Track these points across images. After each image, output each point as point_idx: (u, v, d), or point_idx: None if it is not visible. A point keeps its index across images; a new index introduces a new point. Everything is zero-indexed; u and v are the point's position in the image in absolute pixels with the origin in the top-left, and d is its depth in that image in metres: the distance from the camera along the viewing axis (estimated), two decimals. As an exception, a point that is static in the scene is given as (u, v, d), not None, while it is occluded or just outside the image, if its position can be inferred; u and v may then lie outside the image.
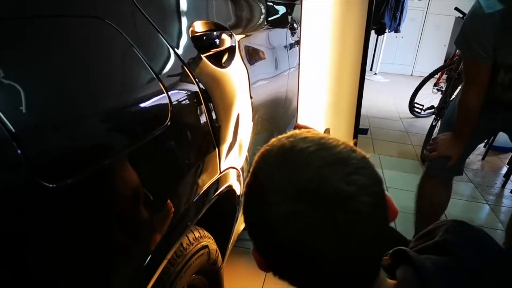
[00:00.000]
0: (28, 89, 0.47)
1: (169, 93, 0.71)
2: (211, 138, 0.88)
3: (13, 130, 0.42)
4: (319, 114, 1.57)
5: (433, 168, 1.84)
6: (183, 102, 0.77)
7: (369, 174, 0.49)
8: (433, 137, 2.37)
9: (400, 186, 2.79)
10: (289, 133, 0.55)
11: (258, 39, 1.55)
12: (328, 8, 1.45)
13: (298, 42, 1.77)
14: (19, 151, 0.42)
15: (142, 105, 0.65)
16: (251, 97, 1.33)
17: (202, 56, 0.90)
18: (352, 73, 1.49)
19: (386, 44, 6.20)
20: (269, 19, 1.64)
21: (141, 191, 0.65)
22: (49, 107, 0.50)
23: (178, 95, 0.75)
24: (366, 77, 5.35)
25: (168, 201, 0.72)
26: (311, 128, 0.58)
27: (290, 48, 1.85)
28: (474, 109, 1.58)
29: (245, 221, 0.55)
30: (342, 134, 1.57)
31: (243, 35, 1.32)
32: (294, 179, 0.48)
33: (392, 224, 2.13)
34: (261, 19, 1.56)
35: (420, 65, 6.52)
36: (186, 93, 0.79)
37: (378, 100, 4.99)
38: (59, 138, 0.50)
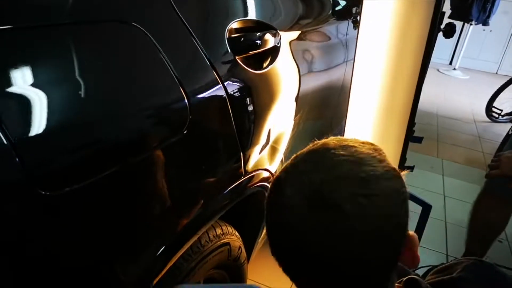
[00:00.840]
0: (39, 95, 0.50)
1: (190, 100, 0.71)
2: (235, 142, 0.88)
3: (11, 137, 0.45)
4: (369, 115, 1.49)
5: (492, 187, 1.69)
6: (205, 108, 0.77)
7: (381, 206, 0.48)
8: (499, 152, 2.16)
9: (460, 197, 2.60)
10: (341, 137, 0.55)
11: (315, 36, 1.50)
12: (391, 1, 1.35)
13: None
14: (17, 159, 0.45)
15: (157, 112, 0.66)
16: (297, 98, 1.30)
17: (237, 58, 0.88)
18: (410, 75, 1.38)
19: (470, 37, 5.68)
20: (331, 11, 1.58)
21: (153, 191, 0.67)
22: (65, 112, 0.53)
23: (199, 102, 0.76)
24: (443, 71, 5.01)
25: (181, 203, 0.74)
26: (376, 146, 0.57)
27: (350, 44, 1.77)
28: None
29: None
30: (390, 141, 1.48)
31: (297, 31, 1.28)
32: (312, 175, 0.49)
33: (443, 237, 1.99)
34: (322, 13, 1.51)
35: (508, 63, 5.90)
36: (209, 98, 0.79)
37: (452, 98, 4.63)
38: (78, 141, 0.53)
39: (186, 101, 0.71)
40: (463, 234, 1.88)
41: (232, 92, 0.86)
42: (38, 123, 0.50)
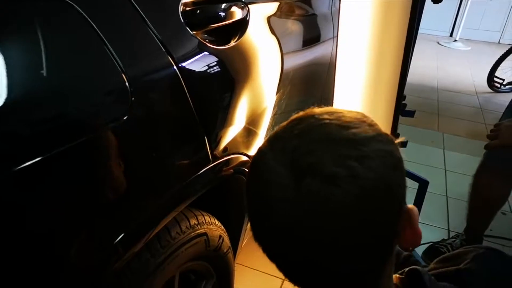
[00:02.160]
0: None
1: (132, 82, 0.64)
2: (196, 126, 0.81)
3: None
4: (356, 91, 1.41)
5: (492, 159, 1.61)
6: (151, 90, 0.70)
7: (374, 168, 0.41)
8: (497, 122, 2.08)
9: (462, 171, 2.51)
10: (330, 107, 0.49)
11: (296, 9, 1.41)
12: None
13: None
14: None
15: (92, 96, 0.60)
16: (277, 75, 1.22)
17: (194, 33, 0.81)
18: (397, 46, 1.29)
19: (471, 7, 5.50)
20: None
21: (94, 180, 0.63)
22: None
23: (144, 84, 0.68)
24: (443, 44, 4.90)
25: (133, 192, 0.68)
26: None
27: (336, 18, 1.68)
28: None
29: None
30: (379, 116, 1.40)
31: (276, 3, 1.20)
32: (294, 141, 0.44)
33: (445, 212, 1.94)
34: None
35: (511, 32, 5.72)
36: (157, 79, 0.72)
37: (453, 70, 4.50)
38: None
39: (127, 84, 0.64)
40: (465, 208, 1.81)
41: (187, 71, 0.78)
42: None
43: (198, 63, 0.82)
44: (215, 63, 0.87)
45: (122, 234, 0.69)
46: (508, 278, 0.56)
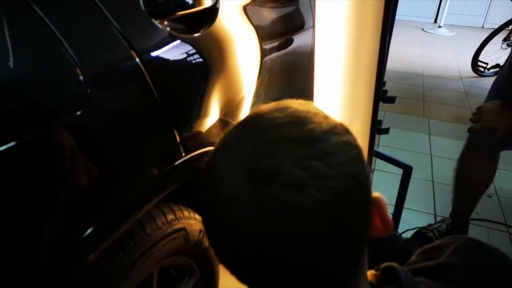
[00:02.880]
0: None
1: (87, 75, 0.62)
2: (163, 119, 0.78)
3: None
4: (335, 79, 1.39)
5: (475, 141, 1.62)
6: (111, 83, 0.67)
7: (338, 164, 0.38)
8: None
9: (448, 155, 2.51)
10: (279, 102, 0.46)
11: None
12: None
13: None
14: None
15: (44, 90, 0.57)
16: (254, 64, 1.20)
17: (156, 22, 0.78)
18: (373, 31, 1.27)
19: (454, -8, 5.52)
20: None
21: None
22: None
23: (102, 76, 0.65)
24: (428, 30, 4.93)
25: (96, 187, 0.66)
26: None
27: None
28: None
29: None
30: (359, 103, 1.39)
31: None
32: (243, 147, 0.40)
33: (431, 197, 1.93)
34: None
35: (494, 15, 5.73)
36: (116, 70, 0.69)
37: (437, 56, 4.51)
38: None
39: (81, 77, 0.61)
40: (451, 192, 1.81)
41: (151, 61, 0.75)
42: None
43: (164, 53, 0.79)
44: (183, 52, 0.84)
45: (91, 228, 0.66)
46: (489, 268, 0.54)
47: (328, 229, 0.38)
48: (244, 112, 1.17)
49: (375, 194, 0.45)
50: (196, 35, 0.89)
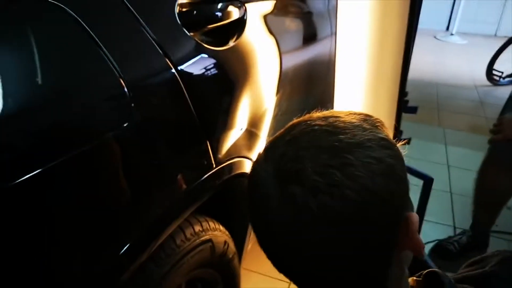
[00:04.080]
0: None
1: (131, 86, 0.62)
2: (198, 131, 0.78)
3: None
4: (357, 88, 1.39)
5: (496, 153, 1.59)
6: (152, 96, 0.68)
7: (357, 176, 0.39)
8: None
9: (465, 166, 2.49)
10: (331, 111, 0.48)
11: (292, 7, 1.39)
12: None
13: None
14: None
15: (89, 105, 0.57)
16: (277, 75, 1.20)
17: (191, 34, 0.78)
18: (397, 42, 1.27)
19: (466, 0, 5.49)
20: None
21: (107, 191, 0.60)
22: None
23: (144, 88, 0.66)
24: (440, 38, 4.90)
25: (136, 201, 0.66)
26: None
27: (333, 14, 1.66)
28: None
29: None
30: (382, 113, 1.38)
31: (272, 1, 1.17)
32: (277, 150, 0.44)
33: (449, 209, 1.89)
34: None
35: (507, 23, 5.70)
36: (157, 84, 0.69)
37: (451, 65, 4.49)
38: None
39: (126, 89, 0.61)
40: (470, 204, 1.79)
41: (187, 74, 0.75)
42: None
43: (197, 65, 0.80)
44: (214, 64, 0.85)
45: (128, 245, 0.67)
46: None
47: (330, 233, 0.39)
48: (267, 122, 1.17)
49: (410, 213, 0.44)
50: (226, 47, 0.89)
